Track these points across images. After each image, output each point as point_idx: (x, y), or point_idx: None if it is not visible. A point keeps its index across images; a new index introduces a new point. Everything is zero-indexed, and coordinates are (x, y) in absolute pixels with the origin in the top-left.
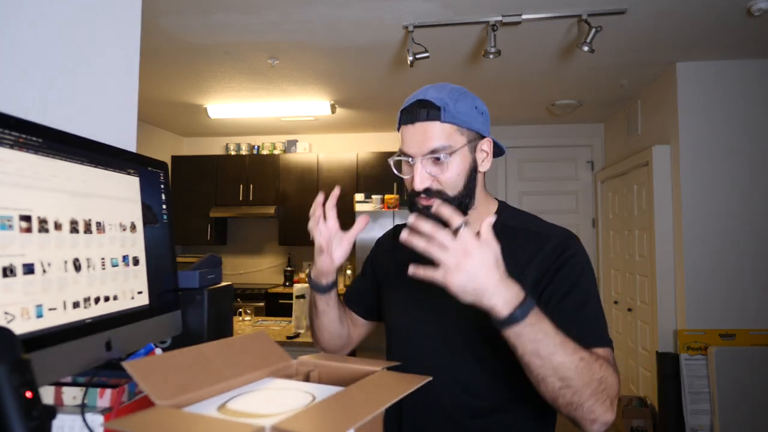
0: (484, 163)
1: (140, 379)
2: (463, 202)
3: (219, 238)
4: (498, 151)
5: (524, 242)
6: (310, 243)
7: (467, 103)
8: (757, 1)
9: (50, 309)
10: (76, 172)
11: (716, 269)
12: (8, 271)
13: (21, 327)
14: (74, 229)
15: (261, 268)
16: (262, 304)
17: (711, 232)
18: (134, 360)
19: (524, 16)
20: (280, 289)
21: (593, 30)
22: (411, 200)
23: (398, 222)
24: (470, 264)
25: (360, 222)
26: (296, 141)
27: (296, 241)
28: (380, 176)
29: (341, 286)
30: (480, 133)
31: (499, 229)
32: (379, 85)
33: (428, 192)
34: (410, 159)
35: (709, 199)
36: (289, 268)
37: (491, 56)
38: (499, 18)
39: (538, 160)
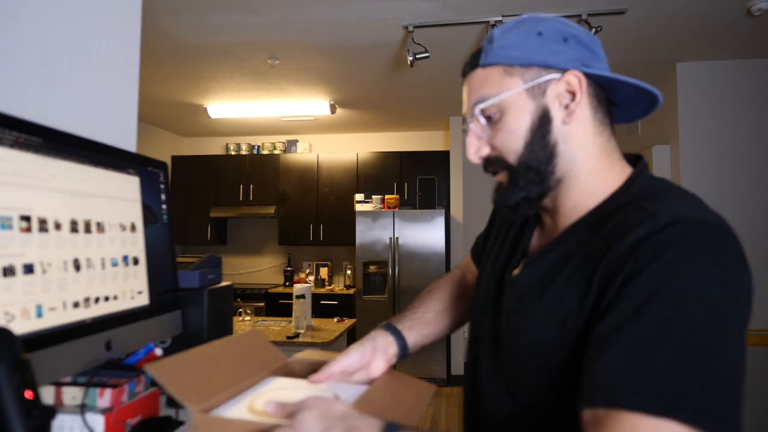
0: (571, 110)
1: (168, 384)
2: (541, 170)
3: (219, 238)
4: (628, 94)
5: (612, 226)
6: (309, 243)
7: (524, 29)
8: (757, 1)
9: (50, 309)
10: (76, 172)
11: None
12: (8, 271)
13: (21, 327)
14: (74, 229)
15: (261, 268)
16: (262, 304)
17: None
18: (155, 364)
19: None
20: (280, 289)
21: (593, 30)
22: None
23: (398, 222)
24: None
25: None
26: (296, 141)
27: (296, 241)
28: (380, 176)
29: (341, 286)
30: (552, 66)
31: (601, 213)
32: (379, 85)
33: (488, 162)
34: (466, 126)
35: (709, 199)
36: (289, 268)
37: None
38: (499, 18)
39: None
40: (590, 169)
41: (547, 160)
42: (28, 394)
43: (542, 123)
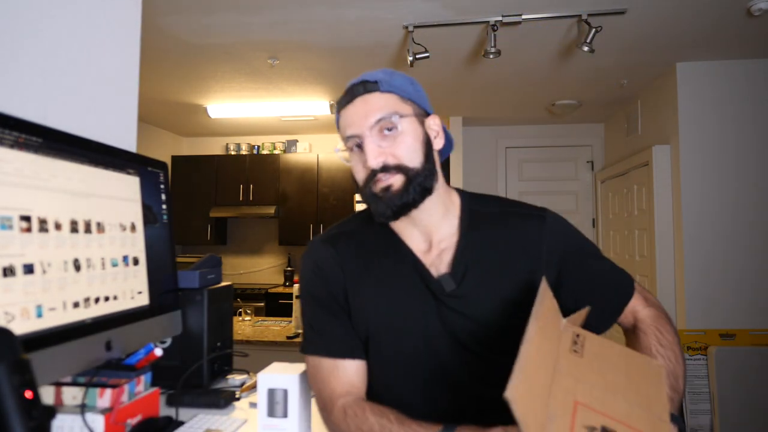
0: (437, 141)
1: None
2: (428, 177)
3: (219, 238)
4: (447, 143)
5: (503, 228)
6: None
7: (403, 77)
8: (757, 1)
9: (50, 309)
10: (76, 172)
11: (716, 269)
12: (8, 271)
13: (21, 327)
14: (74, 229)
15: (261, 268)
16: (262, 304)
17: (711, 232)
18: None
19: (524, 16)
20: (280, 289)
21: (593, 30)
22: (365, 188)
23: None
24: None
25: None
26: (296, 141)
27: (296, 241)
28: None
29: None
30: (425, 109)
31: (470, 218)
32: None
33: (386, 169)
34: (356, 139)
35: (709, 199)
36: (289, 268)
37: (491, 56)
38: (499, 18)
39: (538, 160)
40: (444, 188)
41: (432, 170)
42: (28, 394)
43: (427, 142)
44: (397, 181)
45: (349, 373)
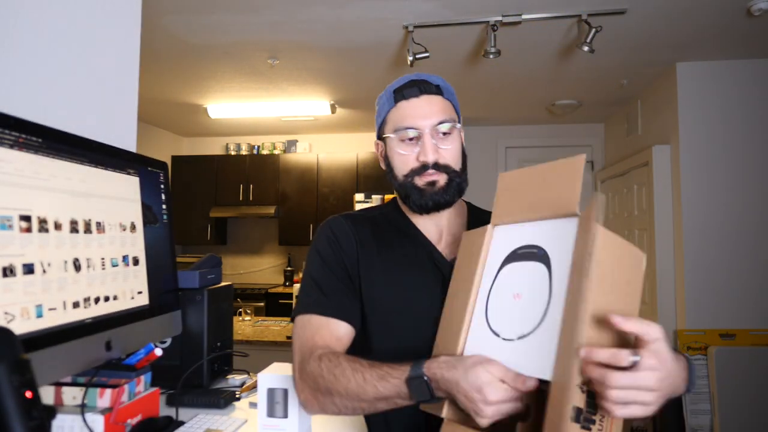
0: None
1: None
2: (464, 181)
3: (219, 238)
4: None
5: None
6: (309, 243)
7: (453, 91)
8: (757, 1)
9: (50, 309)
10: (76, 172)
11: (716, 269)
12: (8, 271)
13: (21, 327)
14: (74, 229)
15: (261, 268)
16: (262, 304)
17: (711, 232)
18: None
19: (524, 16)
20: (280, 289)
21: (593, 30)
22: (408, 177)
23: None
24: (663, 386)
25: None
26: (296, 141)
27: (296, 241)
28: (380, 176)
29: None
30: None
31: (475, 218)
32: (379, 85)
33: (436, 166)
34: (414, 132)
35: (709, 199)
36: (289, 268)
37: (491, 56)
38: (499, 18)
39: (538, 160)
40: None
41: (466, 176)
42: (28, 394)
43: (464, 152)
44: (441, 179)
45: (335, 332)
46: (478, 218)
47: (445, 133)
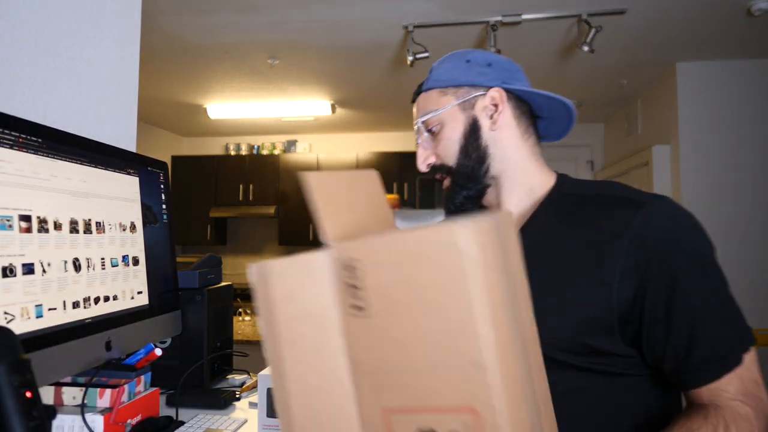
0: (496, 118)
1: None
2: (475, 169)
3: (219, 238)
4: (543, 104)
5: (598, 212)
6: (309, 243)
7: (455, 59)
8: (757, 1)
9: (50, 309)
10: (76, 172)
11: None
12: (8, 271)
13: (21, 327)
14: (74, 229)
15: None
16: None
17: (711, 232)
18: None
19: (524, 16)
20: None
21: (593, 30)
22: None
23: (398, 222)
24: None
25: None
26: (296, 141)
27: (296, 241)
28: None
29: None
30: (478, 85)
31: (552, 201)
32: (379, 85)
33: (433, 169)
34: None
35: (709, 199)
36: None
37: None
38: (499, 18)
39: None
40: (524, 169)
41: (480, 160)
42: (28, 394)
43: (473, 130)
44: (446, 180)
45: None
46: (561, 198)
47: (430, 131)
